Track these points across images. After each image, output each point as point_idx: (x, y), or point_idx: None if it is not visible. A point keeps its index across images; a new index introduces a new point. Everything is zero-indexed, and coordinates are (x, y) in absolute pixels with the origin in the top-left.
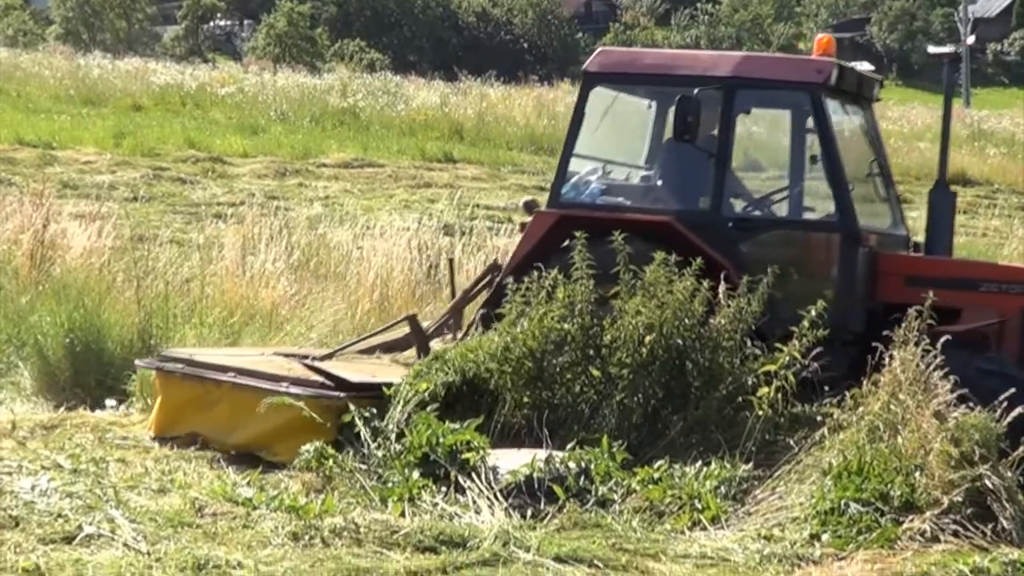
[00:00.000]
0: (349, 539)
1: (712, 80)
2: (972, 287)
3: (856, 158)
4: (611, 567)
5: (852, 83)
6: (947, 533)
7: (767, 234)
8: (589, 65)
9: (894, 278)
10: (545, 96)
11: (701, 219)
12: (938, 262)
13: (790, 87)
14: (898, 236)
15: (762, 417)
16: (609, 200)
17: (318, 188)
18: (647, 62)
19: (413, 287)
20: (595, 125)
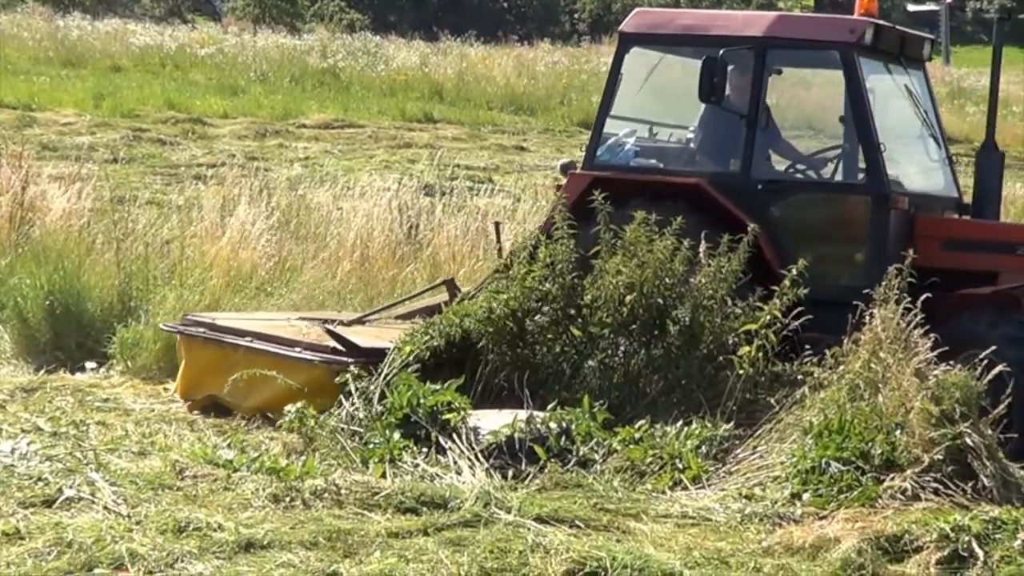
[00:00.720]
0: (330, 500)
1: (745, 40)
2: (1010, 250)
3: (901, 119)
4: (592, 527)
5: (893, 42)
6: (928, 491)
7: (796, 196)
8: (625, 26)
9: (931, 241)
10: (525, 56)
11: (731, 181)
12: (975, 224)
13: (821, 47)
14: (948, 199)
15: (743, 376)
16: (642, 163)
17: (298, 149)
18: (682, 22)
19: (394, 248)
20: (636, 86)
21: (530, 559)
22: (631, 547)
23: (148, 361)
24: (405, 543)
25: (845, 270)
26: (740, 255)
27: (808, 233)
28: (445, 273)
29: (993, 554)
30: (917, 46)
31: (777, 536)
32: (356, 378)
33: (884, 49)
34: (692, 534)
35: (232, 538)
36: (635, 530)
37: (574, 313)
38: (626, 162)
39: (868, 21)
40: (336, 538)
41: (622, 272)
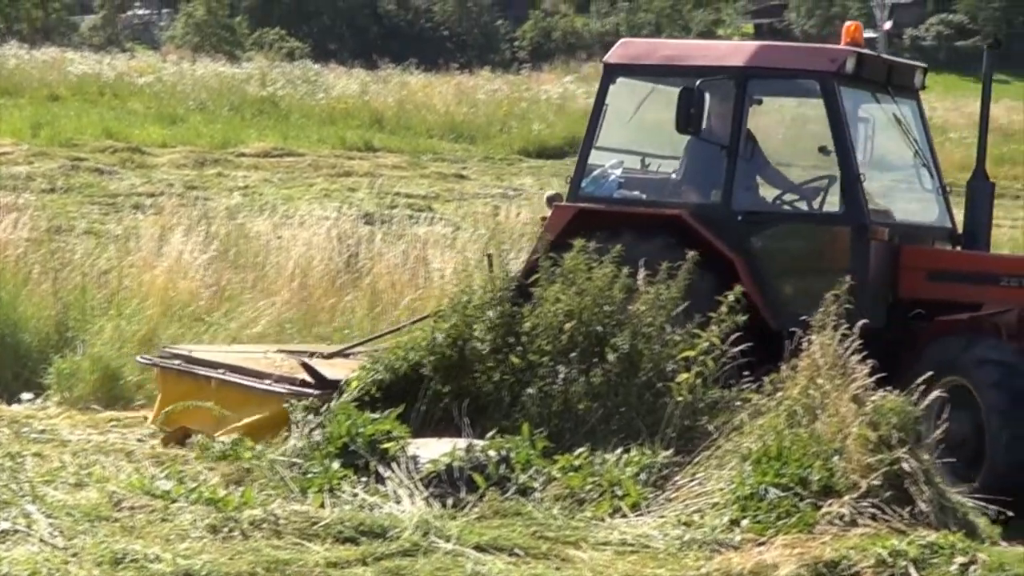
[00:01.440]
0: (268, 531)
1: (726, 70)
2: (993, 281)
3: (889, 149)
4: (532, 555)
5: (880, 71)
6: (865, 516)
7: (776, 228)
8: (610, 57)
9: (917, 273)
10: (465, 84)
11: (712, 213)
12: (960, 255)
13: (802, 76)
14: (940, 229)
15: (682, 403)
16: (626, 194)
17: (237, 178)
18: (665, 53)
19: (333, 277)
20: (623, 116)
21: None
22: (570, 574)
23: (85, 392)
24: (344, 573)
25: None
26: (679, 283)
27: (788, 265)
28: (385, 302)
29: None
30: (907, 75)
31: (716, 563)
32: (307, 410)
33: (870, 78)
34: (631, 561)
35: (169, 569)
36: (574, 558)
37: (514, 341)
38: (610, 194)
39: (850, 51)
40: (275, 568)
41: (561, 300)
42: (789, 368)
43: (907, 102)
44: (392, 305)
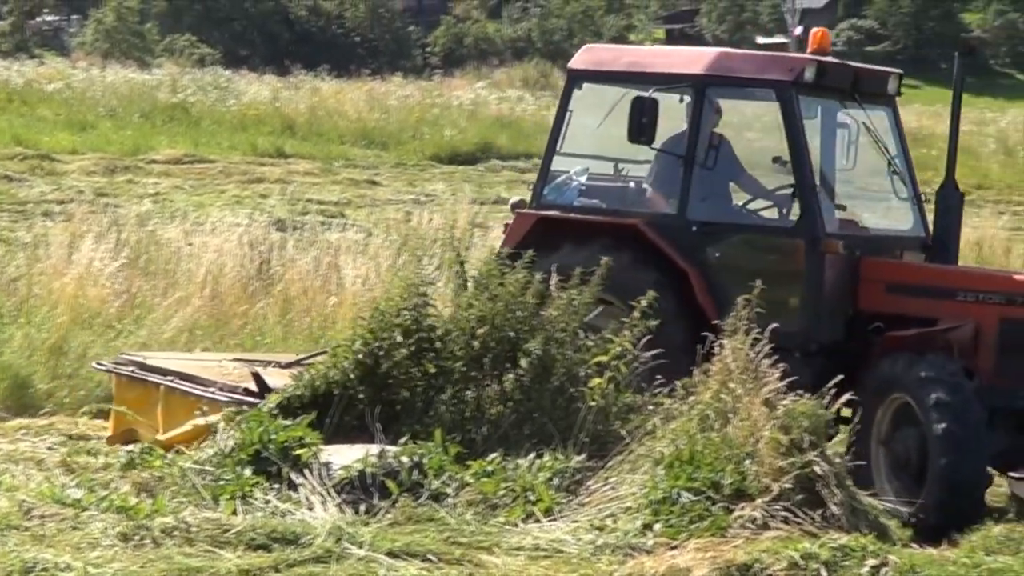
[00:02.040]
0: (180, 538)
1: (686, 78)
2: (950, 296)
3: (857, 158)
4: (445, 561)
5: (844, 79)
6: (777, 520)
7: (730, 239)
8: (573, 63)
9: (876, 285)
10: (377, 90)
11: (668, 223)
12: (918, 268)
13: (759, 85)
14: (911, 239)
15: (594, 408)
16: (586, 202)
17: (148, 185)
18: (628, 59)
19: (245, 283)
20: (588, 122)
21: None
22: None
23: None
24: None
25: (780, 315)
26: (592, 288)
27: (742, 277)
28: (297, 309)
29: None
30: (877, 82)
31: (629, 567)
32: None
33: (834, 87)
34: (545, 566)
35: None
36: (487, 563)
37: (427, 347)
38: (570, 201)
39: (809, 59)
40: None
41: (473, 305)
42: (701, 373)
43: (880, 109)
44: (304, 312)
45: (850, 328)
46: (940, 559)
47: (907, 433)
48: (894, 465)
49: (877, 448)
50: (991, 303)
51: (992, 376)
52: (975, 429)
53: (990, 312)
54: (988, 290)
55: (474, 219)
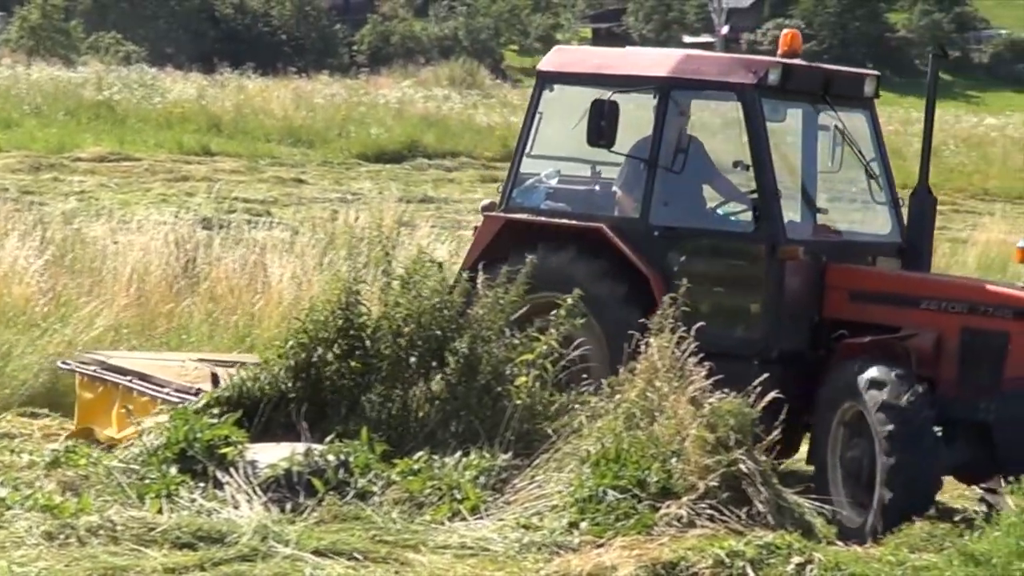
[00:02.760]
0: (105, 537)
1: (650, 80)
2: (913, 304)
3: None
4: (371, 559)
5: (814, 82)
6: (703, 518)
7: (691, 244)
8: (543, 64)
9: (840, 292)
10: (303, 88)
11: (631, 227)
12: (881, 275)
13: (722, 88)
14: (886, 244)
15: (520, 406)
16: (552, 205)
17: (73, 183)
18: (594, 60)
19: (171, 281)
20: (558, 124)
21: None
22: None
23: None
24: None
25: (741, 322)
26: (519, 286)
27: (703, 282)
28: (223, 308)
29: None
30: (852, 85)
31: (555, 565)
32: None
33: (802, 89)
34: (471, 564)
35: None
36: (414, 562)
37: (358, 346)
38: (538, 204)
39: (773, 61)
40: (111, 574)
41: (400, 304)
42: (627, 371)
43: (856, 112)
44: (230, 310)
45: (815, 336)
46: (865, 556)
47: (859, 442)
48: (847, 476)
49: (833, 458)
50: (953, 312)
51: (953, 387)
52: (921, 431)
53: (952, 321)
54: (950, 298)
55: (401, 217)
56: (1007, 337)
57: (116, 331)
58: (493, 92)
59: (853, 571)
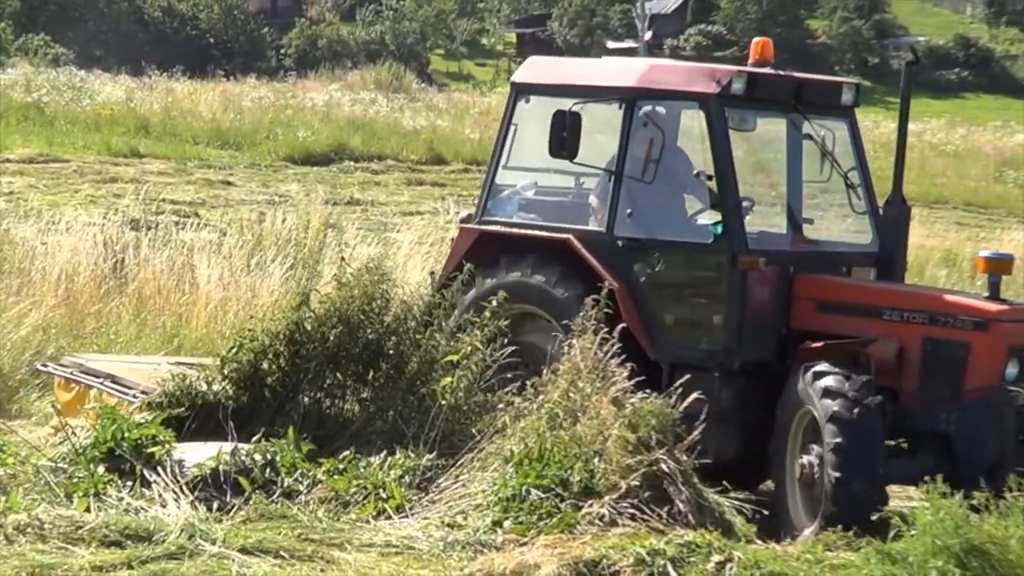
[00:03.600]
0: (33, 535)
1: (616, 90)
2: (876, 315)
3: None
4: (297, 557)
5: (783, 91)
6: (625, 517)
7: (654, 255)
8: (516, 76)
9: (808, 303)
10: (231, 91)
11: (597, 238)
12: (845, 286)
13: (686, 97)
14: (862, 254)
15: (445, 407)
16: (524, 217)
17: (2, 184)
18: (565, 71)
19: (100, 282)
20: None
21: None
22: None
23: None
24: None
25: (704, 333)
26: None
27: (666, 294)
28: (151, 308)
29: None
30: (828, 93)
31: (479, 563)
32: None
33: (771, 98)
34: (395, 563)
35: None
36: (339, 560)
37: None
38: (510, 216)
39: (736, 70)
40: (40, 573)
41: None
42: (551, 372)
43: (835, 120)
44: (158, 311)
45: (782, 347)
46: (783, 555)
47: (814, 449)
48: (802, 482)
49: (792, 464)
50: (915, 322)
51: (915, 398)
52: (870, 447)
53: (914, 332)
54: (912, 309)
55: (327, 219)
56: (967, 348)
57: (44, 331)
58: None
59: (772, 569)
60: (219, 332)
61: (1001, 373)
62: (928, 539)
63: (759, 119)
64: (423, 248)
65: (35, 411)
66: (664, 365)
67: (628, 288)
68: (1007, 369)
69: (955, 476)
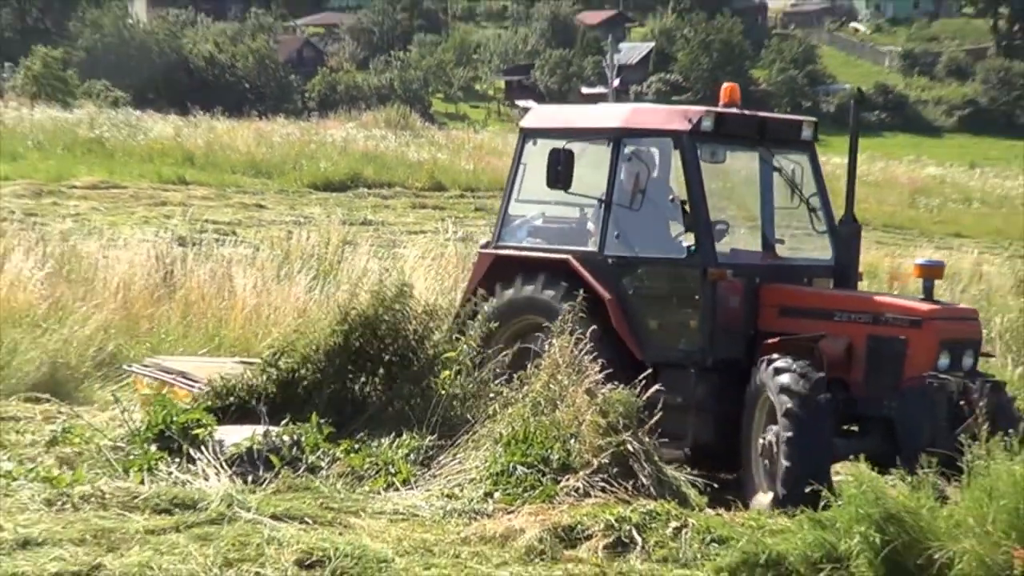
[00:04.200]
0: (96, 504)
1: (605, 131)
2: (828, 316)
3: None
4: (319, 523)
5: (749, 127)
6: (597, 489)
7: (638, 271)
8: (524, 122)
9: (771, 309)
10: (264, 128)
11: (592, 258)
12: (802, 292)
13: (662, 135)
14: (821, 267)
15: (445, 396)
16: (533, 242)
17: (70, 207)
18: (563, 116)
19: (152, 290)
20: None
21: (266, 550)
22: (351, 539)
23: None
24: (160, 539)
25: (681, 336)
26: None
27: (649, 303)
28: (195, 312)
29: (650, 540)
30: (789, 130)
31: (473, 528)
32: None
33: (736, 134)
34: (402, 527)
35: (11, 537)
36: (355, 525)
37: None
38: (520, 241)
39: (706, 110)
40: (101, 536)
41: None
42: (533, 367)
43: (795, 154)
44: (201, 314)
45: (751, 347)
46: (731, 521)
47: (772, 429)
48: (763, 459)
49: (756, 440)
50: (860, 322)
51: (862, 387)
52: (815, 409)
53: (860, 330)
54: (857, 311)
55: (345, 237)
56: (905, 343)
57: (105, 331)
58: (423, 133)
59: (721, 533)
60: (253, 332)
61: (934, 364)
62: (852, 508)
63: (729, 153)
64: (426, 261)
65: (97, 398)
66: (649, 365)
67: (618, 300)
68: (939, 360)
69: (896, 454)
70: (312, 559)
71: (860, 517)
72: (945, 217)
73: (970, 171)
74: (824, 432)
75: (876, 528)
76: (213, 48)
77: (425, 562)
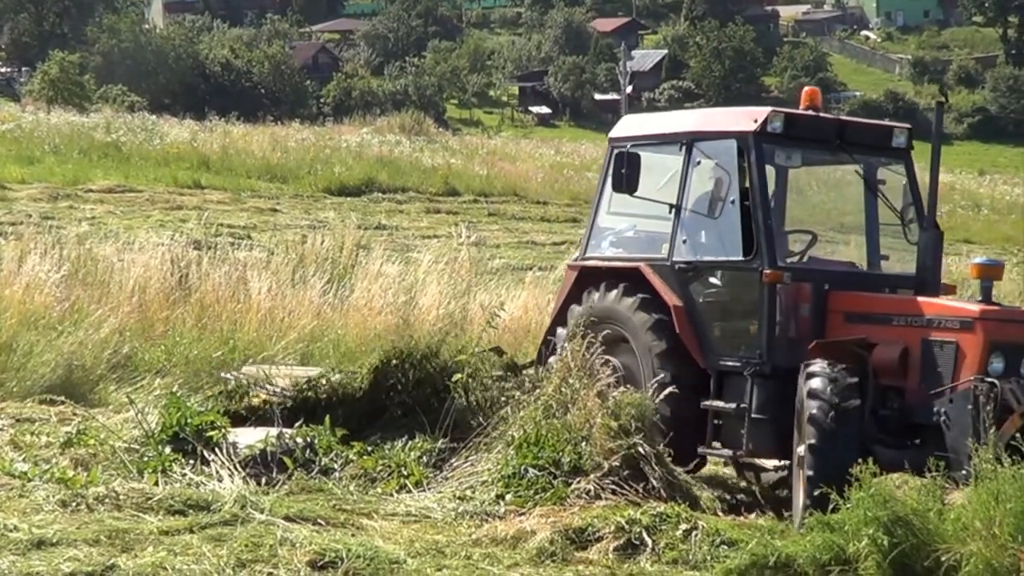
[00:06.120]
0: (111, 505)
1: (679, 135)
2: (887, 321)
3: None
4: (332, 524)
5: (824, 131)
6: (607, 491)
7: (703, 276)
8: (614, 133)
9: (838, 315)
10: (279, 133)
11: (661, 264)
12: (866, 298)
13: (727, 137)
14: (902, 277)
15: (457, 400)
16: (615, 252)
17: (86, 210)
18: (648, 124)
19: (167, 293)
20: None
21: (279, 551)
22: (363, 540)
23: None
24: (174, 539)
25: (742, 342)
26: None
27: (712, 308)
28: (210, 315)
29: (660, 542)
30: (877, 136)
31: (485, 530)
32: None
33: (810, 137)
34: (415, 529)
35: (26, 537)
36: (367, 526)
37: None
38: (604, 252)
39: (774, 111)
40: (115, 536)
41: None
42: (545, 370)
43: (890, 161)
44: (216, 317)
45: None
46: (740, 525)
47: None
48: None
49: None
50: (916, 326)
51: (916, 395)
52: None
53: (914, 334)
54: (913, 314)
55: (359, 242)
56: (956, 346)
57: (120, 333)
58: (436, 138)
59: (730, 535)
60: (267, 335)
61: (984, 368)
62: (861, 511)
63: (808, 157)
64: (439, 266)
65: (112, 400)
66: (711, 372)
67: (684, 306)
68: (991, 364)
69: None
70: (325, 560)
71: (868, 520)
72: (954, 223)
73: (979, 178)
74: (848, 440)
75: (884, 531)
76: (229, 54)
77: (437, 563)
